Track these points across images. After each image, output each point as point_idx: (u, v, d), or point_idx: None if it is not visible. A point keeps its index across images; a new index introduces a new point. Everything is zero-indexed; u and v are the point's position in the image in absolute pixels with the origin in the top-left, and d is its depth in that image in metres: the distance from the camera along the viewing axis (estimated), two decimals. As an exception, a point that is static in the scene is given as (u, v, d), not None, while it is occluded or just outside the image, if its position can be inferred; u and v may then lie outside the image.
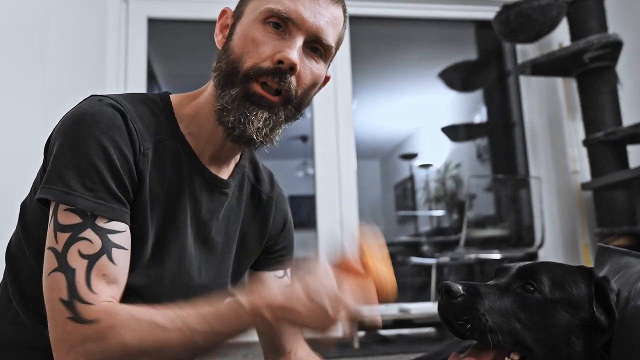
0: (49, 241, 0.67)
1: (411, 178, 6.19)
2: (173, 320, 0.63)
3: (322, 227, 2.83)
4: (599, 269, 0.78)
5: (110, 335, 0.62)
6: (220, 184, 0.84)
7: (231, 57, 0.76)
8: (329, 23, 0.78)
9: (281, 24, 0.75)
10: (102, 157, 0.69)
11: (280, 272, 1.00)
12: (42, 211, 0.74)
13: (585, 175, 2.69)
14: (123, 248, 0.69)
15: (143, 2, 2.87)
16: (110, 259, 0.67)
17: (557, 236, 2.90)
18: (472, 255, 2.75)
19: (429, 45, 4.19)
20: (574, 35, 2.62)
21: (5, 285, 0.80)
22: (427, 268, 3.21)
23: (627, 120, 2.53)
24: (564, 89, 2.92)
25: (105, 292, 0.66)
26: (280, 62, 0.74)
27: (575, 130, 2.85)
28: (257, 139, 0.76)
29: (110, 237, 0.68)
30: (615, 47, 2.48)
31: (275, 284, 0.97)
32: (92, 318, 0.63)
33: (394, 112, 5.67)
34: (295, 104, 0.79)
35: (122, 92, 0.79)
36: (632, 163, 2.50)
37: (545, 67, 2.67)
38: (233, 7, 0.85)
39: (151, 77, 3.03)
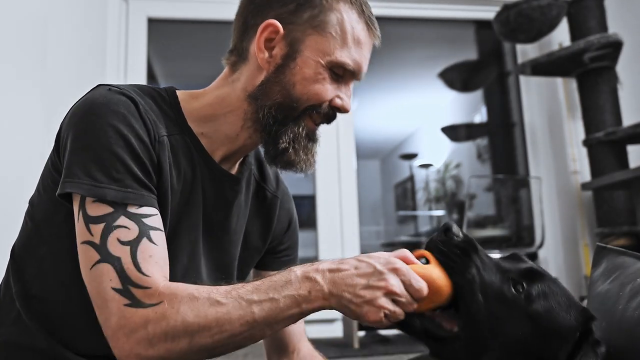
0: (82, 236, 0.66)
1: (411, 178, 6.19)
2: (229, 293, 0.63)
3: (322, 227, 2.83)
4: (596, 268, 0.78)
5: (172, 315, 0.62)
6: (231, 181, 0.84)
7: (292, 94, 0.77)
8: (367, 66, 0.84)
9: (342, 73, 0.79)
10: (123, 146, 0.69)
11: None
12: (54, 207, 0.73)
13: (585, 175, 2.69)
14: (159, 229, 0.69)
15: (143, 2, 2.88)
16: (151, 240, 0.67)
17: (557, 236, 2.90)
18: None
19: (429, 45, 4.19)
20: (574, 35, 2.62)
21: (8, 286, 0.80)
22: (427, 268, 3.20)
23: (627, 120, 2.53)
24: (564, 89, 2.92)
25: (156, 272, 0.65)
26: (338, 108, 0.80)
27: (575, 130, 2.85)
28: (307, 168, 0.82)
29: (145, 220, 0.67)
30: (615, 47, 2.48)
31: None
32: (153, 301, 0.63)
33: (394, 112, 5.67)
34: None
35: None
36: (632, 163, 2.50)
37: (545, 67, 2.67)
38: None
39: (151, 77, 3.03)
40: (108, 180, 0.67)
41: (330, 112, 0.80)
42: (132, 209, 0.67)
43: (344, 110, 0.81)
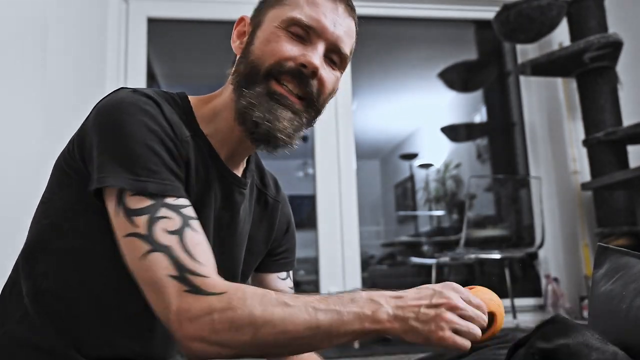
0: (125, 229, 0.66)
1: (411, 178, 6.19)
2: (297, 298, 0.65)
3: (322, 227, 2.83)
4: (598, 268, 0.78)
5: (240, 306, 0.62)
6: (239, 184, 0.86)
7: (251, 58, 0.79)
8: (346, 33, 0.81)
9: (302, 33, 0.78)
10: (157, 141, 0.70)
11: (283, 274, 1.01)
12: (71, 204, 0.74)
13: (585, 175, 2.69)
14: (196, 219, 0.70)
15: (143, 2, 2.87)
16: (194, 229, 0.68)
17: (557, 236, 2.90)
18: (472, 256, 2.75)
19: (429, 45, 4.18)
20: (574, 35, 2.62)
21: (15, 283, 0.80)
22: (427, 268, 3.21)
23: (627, 120, 2.53)
24: (564, 89, 2.92)
25: (209, 261, 0.67)
26: (303, 66, 0.77)
27: (575, 130, 2.86)
28: (281, 137, 0.77)
29: (184, 211, 0.69)
30: (615, 47, 2.48)
31: (280, 286, 0.99)
32: (215, 290, 0.63)
33: (394, 112, 5.67)
34: (316, 108, 0.82)
35: (109, 93, 0.79)
36: (632, 163, 2.50)
37: (545, 67, 2.67)
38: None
39: (151, 77, 3.03)
40: (147, 173, 0.68)
41: (295, 71, 0.78)
42: (171, 200, 0.68)
43: (310, 65, 0.77)
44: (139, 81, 2.76)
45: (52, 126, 1.82)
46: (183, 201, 0.70)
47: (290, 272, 1.03)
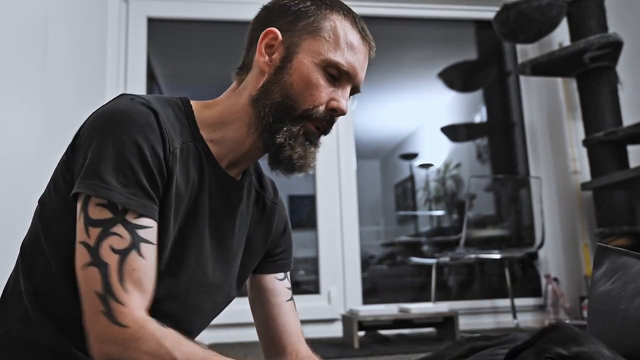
0: (80, 235, 0.70)
1: (411, 178, 6.19)
2: (196, 354, 0.66)
3: (322, 227, 2.83)
4: (597, 268, 0.78)
5: (130, 347, 0.66)
6: (236, 187, 0.88)
7: (289, 93, 0.82)
8: (364, 73, 0.89)
9: (336, 74, 0.83)
10: (136, 155, 0.72)
11: (280, 275, 1.02)
12: (65, 207, 0.76)
13: (585, 175, 2.69)
14: (151, 243, 0.72)
15: (143, 2, 2.88)
16: (140, 253, 0.70)
17: (557, 236, 2.90)
18: (472, 255, 2.75)
19: (429, 45, 4.18)
20: (574, 35, 2.62)
21: (16, 282, 0.81)
22: (427, 268, 3.21)
23: (627, 120, 2.53)
24: (564, 89, 2.92)
25: (135, 290, 0.69)
26: (334, 110, 0.83)
27: (575, 130, 2.86)
28: (308, 169, 0.85)
29: (139, 232, 0.70)
30: (615, 47, 2.48)
31: (277, 286, 0.99)
32: (123, 322, 0.66)
33: (394, 112, 5.67)
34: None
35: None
36: (632, 163, 2.50)
37: (545, 67, 2.67)
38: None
39: (151, 77, 3.03)
40: (116, 184, 0.70)
41: (327, 116, 0.84)
42: (131, 218, 0.70)
43: (340, 112, 0.84)
44: (139, 81, 2.76)
45: (52, 126, 1.82)
46: (144, 221, 0.71)
47: (288, 273, 1.04)
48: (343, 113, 0.84)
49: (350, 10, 0.87)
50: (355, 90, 0.88)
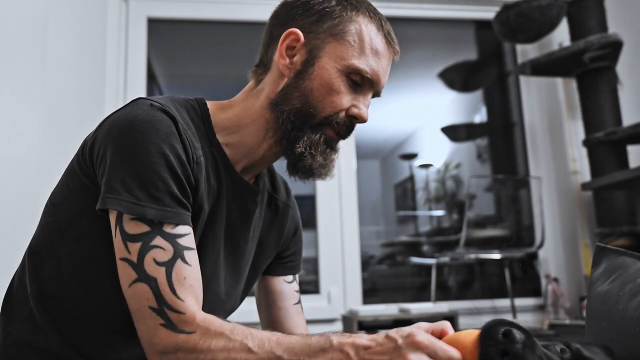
0: (120, 252, 0.69)
1: (411, 178, 6.19)
2: (263, 345, 0.64)
3: (322, 227, 2.83)
4: (596, 268, 0.78)
5: (203, 349, 0.64)
6: (252, 193, 0.86)
7: (310, 99, 0.80)
8: (386, 79, 0.87)
9: (359, 81, 0.81)
10: (164, 165, 0.70)
11: (289, 277, 1.01)
12: (79, 210, 0.75)
13: (585, 175, 2.69)
14: (192, 249, 0.71)
15: (143, 2, 2.88)
16: (185, 261, 0.69)
17: (557, 236, 2.90)
18: (472, 255, 2.75)
19: (429, 45, 4.18)
20: (574, 35, 2.62)
21: (22, 282, 0.80)
22: (427, 268, 3.21)
23: (627, 120, 2.53)
24: (564, 89, 2.92)
25: (189, 297, 0.68)
26: (354, 117, 0.81)
27: (575, 130, 2.85)
28: (327, 176, 0.84)
29: (179, 240, 0.70)
30: (615, 47, 2.48)
31: (285, 289, 0.99)
32: (186, 328, 0.65)
33: (394, 112, 5.67)
34: None
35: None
36: (632, 163, 2.50)
37: (545, 67, 2.67)
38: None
39: (151, 77, 3.03)
40: (148, 199, 0.69)
41: (348, 122, 0.82)
42: (168, 229, 0.69)
43: (361, 119, 0.82)
44: (139, 81, 2.76)
45: (52, 126, 1.83)
46: (182, 229, 0.70)
47: (297, 276, 1.02)
48: (364, 120, 0.83)
49: (376, 11, 0.84)
50: (376, 95, 0.86)
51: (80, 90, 2.24)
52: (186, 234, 0.71)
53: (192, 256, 0.70)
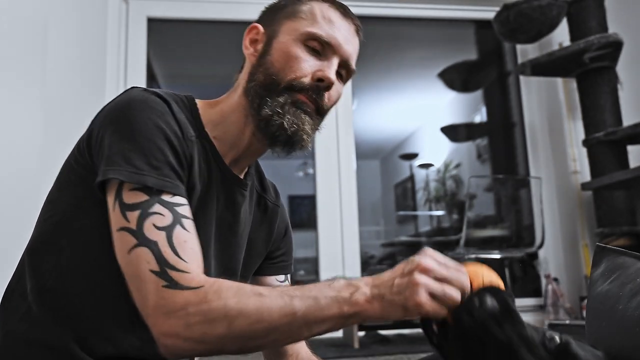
0: (118, 223, 0.68)
1: (411, 178, 6.19)
2: (273, 288, 0.66)
3: (322, 227, 2.83)
4: (596, 268, 0.78)
5: (214, 298, 0.63)
6: (241, 186, 0.88)
7: (270, 70, 0.82)
8: (355, 51, 0.87)
9: (319, 48, 0.83)
10: (162, 138, 0.73)
11: (281, 277, 1.03)
12: (77, 201, 0.76)
13: (585, 175, 2.69)
14: (190, 219, 0.71)
15: (143, 2, 2.88)
16: (184, 228, 0.69)
17: (557, 236, 2.90)
18: (472, 255, 2.75)
19: (429, 45, 4.19)
20: (574, 35, 2.62)
21: (20, 281, 0.80)
22: (427, 268, 3.20)
23: (627, 120, 2.53)
24: (564, 89, 2.92)
25: (192, 259, 0.67)
26: (320, 80, 0.82)
27: (575, 130, 2.86)
28: (305, 138, 0.83)
29: (177, 209, 0.70)
30: (615, 47, 2.48)
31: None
32: (192, 285, 0.64)
33: (394, 112, 5.67)
34: (323, 117, 0.88)
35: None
36: (632, 163, 2.50)
37: (545, 67, 2.67)
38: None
39: (151, 77, 3.03)
40: (148, 168, 0.70)
41: (314, 86, 0.82)
42: (167, 197, 0.70)
43: (326, 79, 0.82)
44: (139, 81, 2.76)
45: (52, 126, 1.83)
46: (179, 199, 0.71)
47: (289, 276, 1.04)
48: (330, 82, 0.82)
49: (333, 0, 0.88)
50: (347, 67, 0.86)
51: (80, 90, 2.25)
52: (184, 204, 0.72)
53: (191, 225, 0.71)
